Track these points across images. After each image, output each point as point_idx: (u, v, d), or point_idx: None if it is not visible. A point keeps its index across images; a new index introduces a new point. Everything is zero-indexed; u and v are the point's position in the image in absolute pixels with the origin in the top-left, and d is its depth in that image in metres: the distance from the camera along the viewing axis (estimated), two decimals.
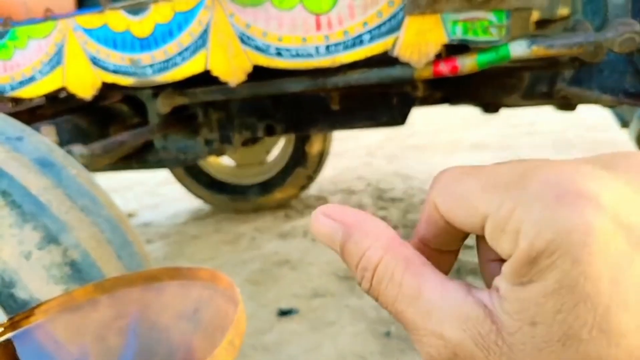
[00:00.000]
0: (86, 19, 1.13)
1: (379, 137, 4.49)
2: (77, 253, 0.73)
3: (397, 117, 1.39)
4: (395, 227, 2.36)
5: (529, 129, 4.14)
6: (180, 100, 1.29)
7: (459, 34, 1.00)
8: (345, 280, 1.95)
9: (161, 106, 1.28)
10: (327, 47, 1.03)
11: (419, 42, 1.01)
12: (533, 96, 1.32)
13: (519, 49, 1.01)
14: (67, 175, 0.79)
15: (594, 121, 3.70)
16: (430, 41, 1.00)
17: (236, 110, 1.50)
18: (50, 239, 0.71)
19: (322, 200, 2.90)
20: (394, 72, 1.09)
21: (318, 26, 1.02)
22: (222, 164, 2.94)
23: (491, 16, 0.99)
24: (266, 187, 2.77)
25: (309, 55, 1.04)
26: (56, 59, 1.18)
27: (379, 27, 1.01)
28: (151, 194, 3.66)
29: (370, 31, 1.01)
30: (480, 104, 1.52)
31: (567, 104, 1.35)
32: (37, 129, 1.22)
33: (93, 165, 1.40)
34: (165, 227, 2.85)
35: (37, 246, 0.70)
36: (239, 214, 2.88)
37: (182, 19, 1.09)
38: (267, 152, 2.91)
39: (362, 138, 4.55)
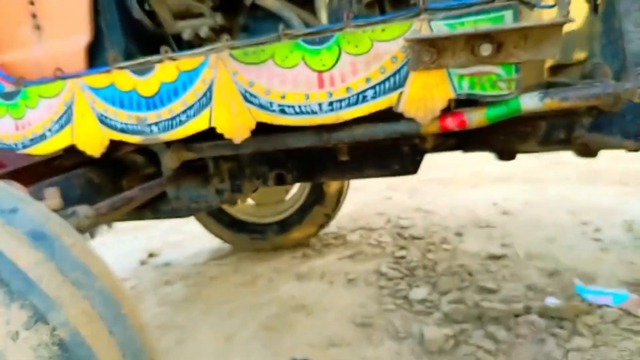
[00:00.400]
0: (94, 78, 1.15)
1: None
2: (65, 331, 0.71)
3: (409, 166, 1.36)
4: (414, 268, 2.29)
5: (555, 160, 4.02)
6: (189, 156, 1.29)
7: (465, 88, 0.96)
8: (362, 327, 1.88)
9: (170, 161, 1.28)
10: (330, 104, 1.01)
11: (424, 98, 0.98)
12: (550, 143, 1.27)
13: (530, 103, 0.97)
14: (60, 247, 0.78)
15: (622, 151, 3.57)
16: (436, 96, 0.97)
17: (247, 160, 1.49)
18: (39, 317, 0.70)
19: (340, 238, 2.85)
20: (400, 127, 1.06)
21: (321, 83, 1.01)
22: (242, 202, 2.93)
23: (499, 70, 0.95)
24: (284, 225, 2.74)
25: (313, 112, 1.02)
26: (65, 118, 1.19)
27: (382, 83, 0.99)
28: (176, 232, 3.68)
29: (373, 87, 0.99)
30: (495, 151, 1.47)
31: (587, 151, 1.29)
32: (44, 188, 1.23)
33: (101, 223, 1.41)
34: (185, 268, 2.85)
35: (24, 326, 0.69)
36: (258, 252, 2.86)
37: (187, 78, 1.09)
38: (287, 190, 2.89)
39: None
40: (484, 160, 4.42)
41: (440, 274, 2.22)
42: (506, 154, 1.38)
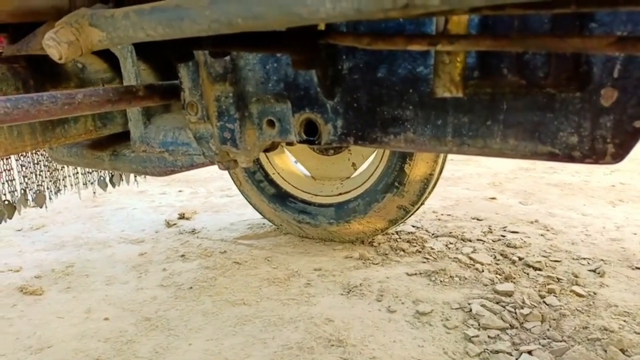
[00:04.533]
0: None
1: (510, 164, 3.49)
2: None
3: (605, 142, 0.55)
4: (525, 317, 1.46)
5: None
6: (93, 39, 0.58)
7: None
8: None
9: (56, 45, 0.58)
10: None
11: None
12: None
13: None
14: None
15: None
16: None
17: (249, 77, 0.76)
18: None
19: (417, 243, 2.06)
20: None
21: None
22: (294, 171, 2.25)
23: None
24: (343, 212, 2.01)
25: None
26: None
27: None
28: (224, 193, 3.12)
29: None
30: None
31: None
32: None
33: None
34: (212, 242, 2.23)
35: None
36: (303, 241, 2.17)
37: None
38: (354, 164, 2.15)
39: (487, 162, 3.58)
40: (627, 167, 3.33)
41: (569, 338, 1.37)
42: None
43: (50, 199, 2.18)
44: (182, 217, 2.62)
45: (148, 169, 0.95)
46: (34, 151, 2.07)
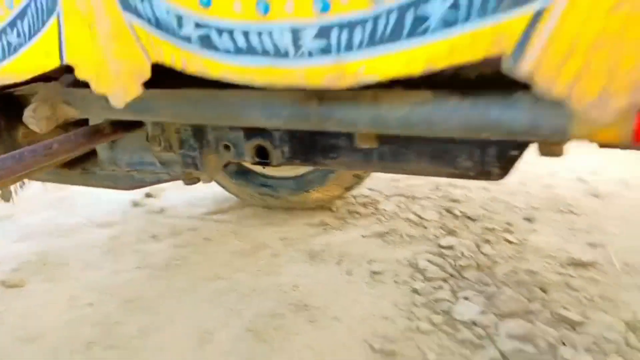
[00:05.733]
0: None
1: None
2: None
3: (490, 167, 0.72)
4: (463, 267, 1.69)
5: None
6: (70, 114, 0.69)
7: None
8: (382, 356, 1.34)
9: (35, 120, 0.69)
10: (321, 30, 0.37)
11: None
12: None
13: None
14: None
15: None
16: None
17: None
18: None
19: (371, 206, 2.25)
20: (512, 117, 0.41)
21: None
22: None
23: None
24: (302, 184, 2.16)
25: (278, 54, 0.38)
26: None
27: None
28: None
29: None
30: None
31: None
32: None
33: None
34: (181, 220, 2.36)
35: None
36: (267, 212, 2.32)
37: None
38: None
39: None
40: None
41: (500, 282, 1.61)
42: None
43: (16, 193, 2.23)
44: (149, 195, 2.71)
45: (119, 185, 1.06)
46: None
